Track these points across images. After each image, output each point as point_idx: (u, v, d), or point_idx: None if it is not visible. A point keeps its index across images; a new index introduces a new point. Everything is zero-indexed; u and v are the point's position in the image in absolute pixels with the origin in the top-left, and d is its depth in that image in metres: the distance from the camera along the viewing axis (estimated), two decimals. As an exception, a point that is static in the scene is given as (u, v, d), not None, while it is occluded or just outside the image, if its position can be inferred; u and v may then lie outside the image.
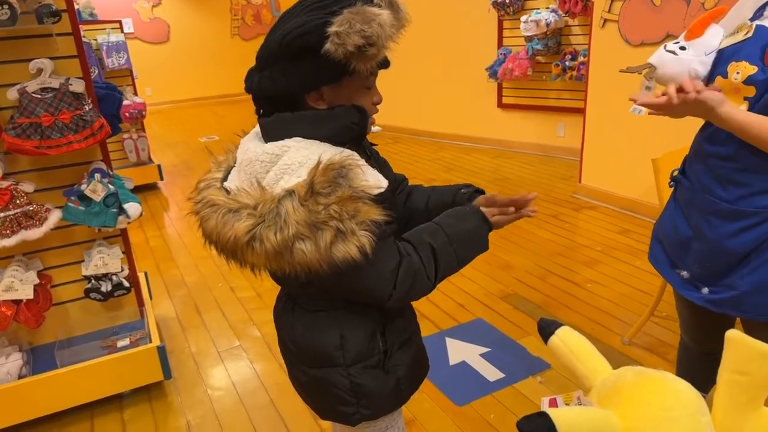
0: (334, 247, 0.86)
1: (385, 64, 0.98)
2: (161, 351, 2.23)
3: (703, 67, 1.27)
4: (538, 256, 3.40)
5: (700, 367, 1.58)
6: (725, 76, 1.23)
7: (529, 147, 5.72)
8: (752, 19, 1.24)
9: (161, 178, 5.16)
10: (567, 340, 0.93)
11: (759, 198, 1.22)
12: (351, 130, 0.98)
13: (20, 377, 2.10)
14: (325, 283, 0.96)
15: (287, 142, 0.95)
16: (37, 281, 2.13)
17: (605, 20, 3.90)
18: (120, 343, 2.34)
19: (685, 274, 1.40)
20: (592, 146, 4.24)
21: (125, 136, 4.87)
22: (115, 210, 2.15)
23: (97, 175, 2.12)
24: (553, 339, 0.94)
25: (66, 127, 2.00)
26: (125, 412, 2.22)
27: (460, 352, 2.47)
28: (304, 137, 0.95)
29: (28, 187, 2.07)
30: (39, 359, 2.25)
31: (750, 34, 1.20)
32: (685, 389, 0.81)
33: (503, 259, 3.36)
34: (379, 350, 1.10)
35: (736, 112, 1.18)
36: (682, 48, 1.26)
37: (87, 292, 2.29)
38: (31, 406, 2.08)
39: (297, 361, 1.16)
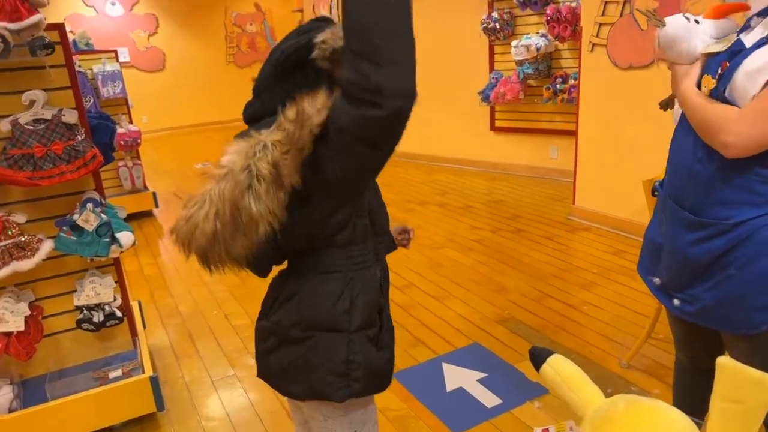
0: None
1: None
2: (154, 382, 2.20)
3: (703, 47, 1.29)
4: (534, 278, 3.39)
5: (696, 385, 1.58)
6: (699, 87, 1.26)
7: (523, 169, 5.76)
8: (740, 32, 1.26)
9: (156, 206, 5.16)
10: (559, 368, 0.92)
11: (716, 209, 1.23)
12: None
13: (10, 411, 2.06)
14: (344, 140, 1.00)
15: None
16: (29, 313, 2.11)
17: (594, 44, 3.97)
18: (112, 374, 2.31)
19: (657, 280, 1.44)
20: (585, 168, 4.27)
21: (120, 163, 4.88)
22: (107, 239, 2.14)
23: (90, 205, 2.11)
24: (545, 367, 0.93)
25: (58, 158, 2.00)
26: (117, 446, 2.18)
27: (457, 377, 2.44)
28: None
29: (20, 218, 2.06)
30: (30, 392, 2.21)
31: (727, 47, 1.22)
32: (678, 418, 0.80)
33: (499, 282, 3.35)
34: (377, 324, 1.17)
35: (691, 90, 1.24)
36: (697, 21, 1.28)
37: (79, 322, 2.27)
38: (21, 441, 2.04)
39: (292, 330, 1.15)
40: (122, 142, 4.59)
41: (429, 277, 3.47)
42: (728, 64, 1.18)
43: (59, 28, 2.05)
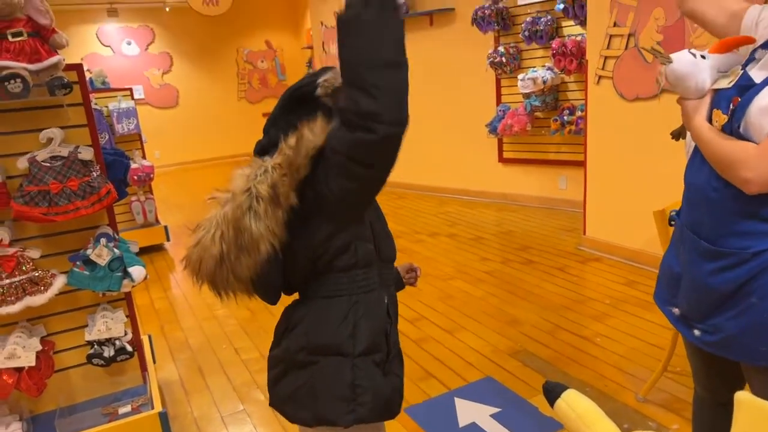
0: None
1: None
2: (163, 417, 2.18)
3: (711, 82, 1.29)
4: (546, 310, 3.36)
5: (716, 419, 1.54)
6: (710, 122, 1.26)
7: (532, 200, 5.76)
8: (745, 64, 1.28)
9: (168, 239, 5.20)
10: (573, 404, 0.91)
11: (734, 239, 1.22)
12: None
13: (19, 448, 2.05)
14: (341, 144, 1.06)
15: None
16: (40, 348, 2.12)
17: (600, 77, 4.01)
18: (122, 410, 2.29)
19: (676, 311, 1.42)
20: (594, 198, 4.26)
21: (133, 198, 4.94)
22: (119, 274, 2.16)
23: (103, 240, 2.14)
24: (559, 403, 0.92)
25: (74, 194, 2.04)
26: (125, 484, 2.15)
27: (469, 413, 2.40)
28: None
29: (34, 253, 2.09)
30: (40, 428, 2.20)
31: (733, 82, 1.23)
32: (697, 454, 0.78)
33: (510, 314, 3.32)
34: (383, 349, 1.18)
35: (705, 126, 1.24)
36: (703, 57, 1.29)
37: (89, 357, 2.26)
38: (29, 479, 2.02)
39: (299, 355, 1.17)
40: (136, 177, 4.66)
41: (440, 309, 3.44)
42: (739, 100, 1.18)
43: (77, 68, 2.12)
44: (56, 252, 2.18)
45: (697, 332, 1.35)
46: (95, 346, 2.27)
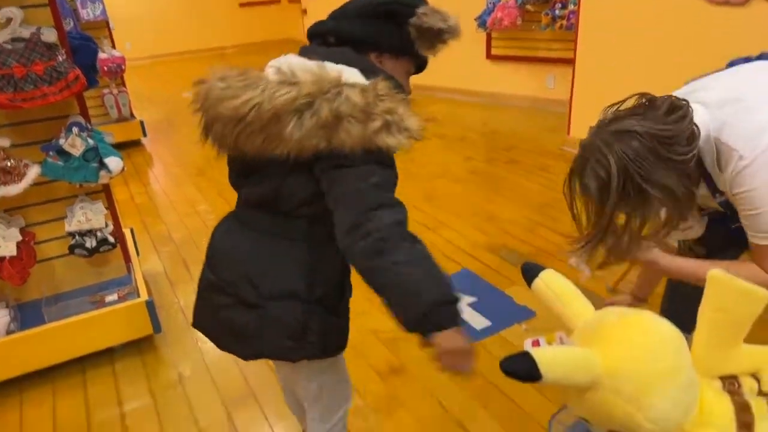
0: (378, 135, 0.95)
1: (422, 68, 1.21)
2: (150, 305, 2.23)
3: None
4: (526, 207, 3.41)
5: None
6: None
7: (519, 99, 5.66)
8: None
9: (144, 135, 5.06)
10: (551, 283, 0.93)
11: None
12: None
13: (8, 333, 2.09)
14: (327, 179, 1.00)
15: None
16: (20, 238, 2.11)
17: (597, -34, 3.79)
18: (108, 298, 2.34)
19: None
20: (581, 98, 4.20)
21: (105, 91, 4.74)
22: (95, 165, 2.10)
23: (75, 129, 2.06)
24: (537, 282, 0.94)
25: (40, 79, 1.93)
26: (116, 366, 2.24)
27: (447, 302, 2.49)
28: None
29: (4, 141, 2.01)
30: (26, 315, 2.24)
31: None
32: (666, 328, 0.82)
33: (490, 211, 3.37)
34: (336, 295, 1.17)
35: (672, 260, 1.23)
36: None
37: (72, 248, 2.27)
38: (21, 362, 2.09)
39: (246, 293, 1.12)
40: (106, 68, 4.43)
41: (423, 208, 3.48)
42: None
43: (31, -63, 1.92)
44: (27, 142, 2.10)
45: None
46: (77, 237, 2.27)
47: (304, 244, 1.11)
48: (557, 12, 4.91)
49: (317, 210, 1.06)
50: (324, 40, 1.13)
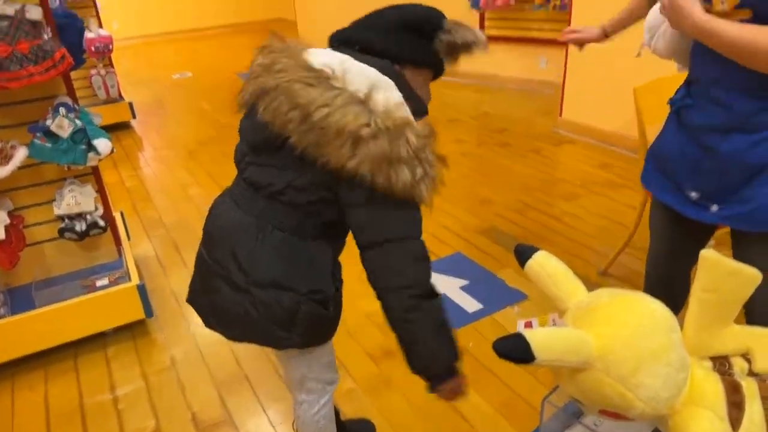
0: (419, 184, 1.00)
1: (440, 75, 1.26)
2: (141, 289, 2.22)
3: None
4: (517, 190, 3.41)
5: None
6: (709, 1, 1.17)
7: (511, 81, 5.63)
8: None
9: (134, 116, 5.00)
10: (544, 264, 0.94)
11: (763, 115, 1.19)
12: (419, 115, 1.06)
13: (-2, 317, 2.08)
14: (360, 209, 1.04)
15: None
16: (8, 221, 2.09)
17: (591, -55, 3.75)
18: (99, 283, 2.33)
19: (694, 194, 1.38)
20: (573, 79, 4.18)
21: (92, 71, 4.66)
22: (84, 147, 2.08)
23: (63, 110, 2.03)
24: (530, 263, 0.94)
25: (25, 58, 1.89)
26: (109, 350, 2.23)
27: (440, 285, 2.47)
28: None
29: (-11, 123, 1.98)
30: (17, 300, 2.23)
31: None
32: (658, 308, 0.82)
33: (482, 194, 3.37)
34: (327, 289, 1.16)
35: (712, 19, 1.10)
36: None
37: (61, 231, 2.25)
38: (12, 346, 2.08)
39: (235, 276, 1.12)
40: (93, 48, 4.35)
41: (414, 189, 3.47)
42: None
43: None
44: (14, 124, 2.07)
45: (714, 207, 1.33)
46: (66, 221, 2.25)
47: (295, 237, 1.10)
48: (550, -7, 4.87)
49: (319, 208, 1.07)
50: (350, 47, 1.12)
